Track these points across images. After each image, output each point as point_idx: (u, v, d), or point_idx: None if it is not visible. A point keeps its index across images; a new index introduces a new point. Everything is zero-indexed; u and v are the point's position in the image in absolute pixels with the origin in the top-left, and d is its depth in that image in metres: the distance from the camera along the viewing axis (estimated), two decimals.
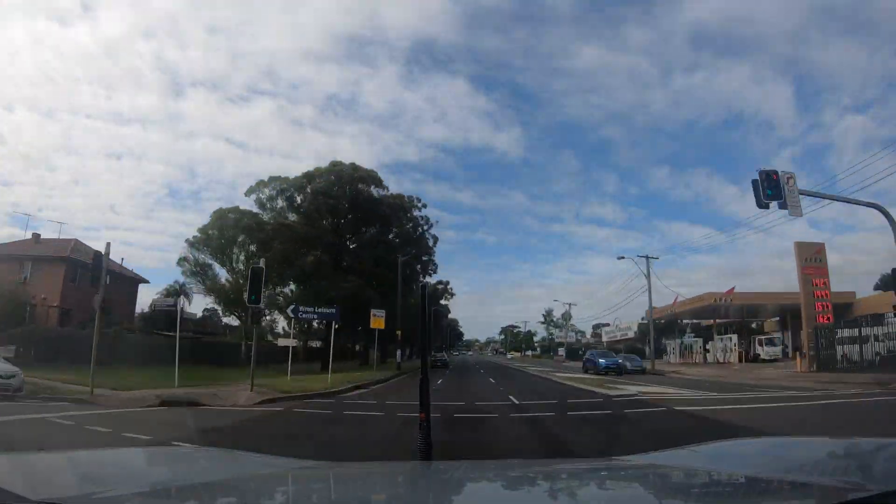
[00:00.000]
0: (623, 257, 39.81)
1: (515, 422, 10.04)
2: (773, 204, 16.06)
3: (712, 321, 60.54)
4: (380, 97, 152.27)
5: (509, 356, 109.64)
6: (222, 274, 40.62)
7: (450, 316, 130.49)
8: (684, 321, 71.16)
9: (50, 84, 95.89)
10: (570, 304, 76.61)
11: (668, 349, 54.73)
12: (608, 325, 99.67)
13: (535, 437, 8.34)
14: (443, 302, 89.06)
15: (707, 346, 48.59)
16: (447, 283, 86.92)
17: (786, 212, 16.65)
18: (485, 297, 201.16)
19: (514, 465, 3.02)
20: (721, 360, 44.68)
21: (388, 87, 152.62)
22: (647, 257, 38.91)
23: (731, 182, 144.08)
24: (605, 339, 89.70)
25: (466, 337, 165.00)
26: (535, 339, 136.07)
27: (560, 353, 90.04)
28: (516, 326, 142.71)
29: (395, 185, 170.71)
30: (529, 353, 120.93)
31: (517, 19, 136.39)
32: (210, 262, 39.30)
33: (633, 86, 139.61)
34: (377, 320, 26.49)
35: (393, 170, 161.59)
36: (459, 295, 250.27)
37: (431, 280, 78.30)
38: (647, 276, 38.47)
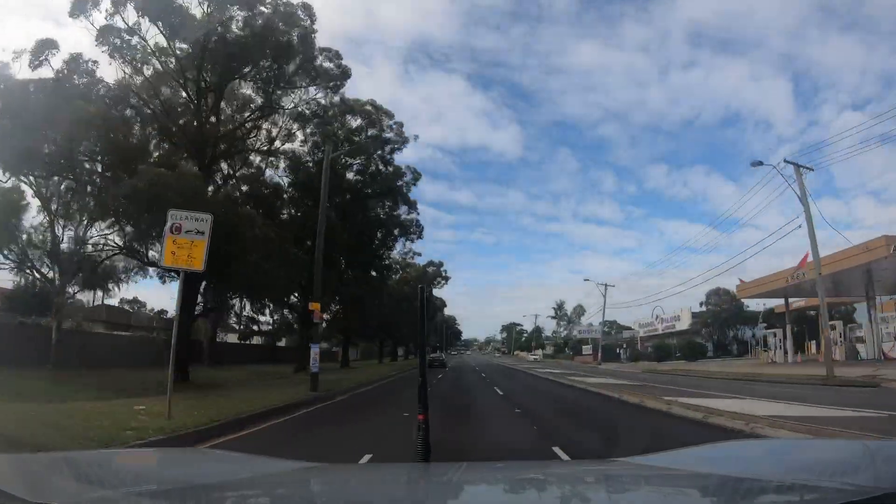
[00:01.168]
0: (761, 163, 21.53)
1: None
2: None
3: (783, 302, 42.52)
4: (376, 96, 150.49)
5: (532, 357, 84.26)
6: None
7: (447, 312, 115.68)
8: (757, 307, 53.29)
9: None
10: (605, 286, 57.70)
11: (770, 341, 36.59)
12: (613, 322, 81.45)
13: None
14: (437, 292, 71.57)
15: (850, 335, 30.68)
16: (441, 264, 69.02)
17: None
18: (483, 297, 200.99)
19: (514, 467, 3.04)
20: (889, 353, 26.62)
21: (384, 87, 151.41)
22: (796, 164, 20.82)
23: (729, 180, 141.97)
24: (640, 332, 71.37)
25: (465, 336, 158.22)
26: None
27: (585, 351, 71.76)
28: (519, 324, 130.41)
29: None
30: (540, 352, 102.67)
31: (514, 17, 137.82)
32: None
33: (630, 83, 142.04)
34: (178, 251, 8.33)
35: None
36: (457, 295, 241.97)
37: (417, 250, 60.97)
38: (802, 198, 20.37)
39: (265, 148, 21.77)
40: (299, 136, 25.23)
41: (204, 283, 17.14)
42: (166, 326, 32.06)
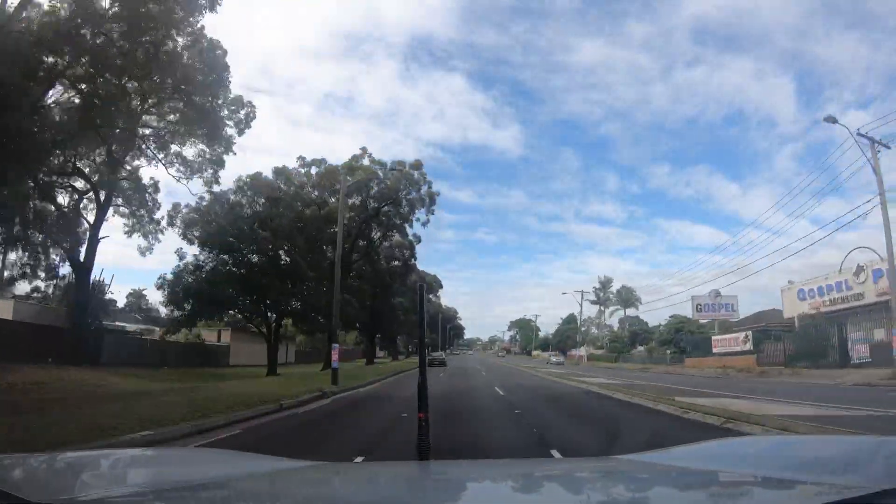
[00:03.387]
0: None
1: None
2: None
3: None
4: (377, 95, 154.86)
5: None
6: None
7: (445, 302, 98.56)
8: None
9: None
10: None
11: None
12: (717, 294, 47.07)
13: None
14: (423, 253, 39.49)
15: None
16: (418, 166, 38.39)
17: None
18: (485, 298, 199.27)
19: (514, 465, 3.05)
20: None
21: (385, 85, 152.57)
22: None
23: (731, 179, 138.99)
24: (817, 306, 37.19)
25: (467, 335, 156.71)
26: (547, 331, 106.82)
27: (722, 349, 38.61)
28: (530, 318, 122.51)
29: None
30: (582, 350, 71.14)
31: (516, 14, 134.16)
32: None
33: (633, 82, 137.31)
34: None
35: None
36: (457, 295, 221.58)
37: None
38: None
39: None
40: None
41: None
42: None
